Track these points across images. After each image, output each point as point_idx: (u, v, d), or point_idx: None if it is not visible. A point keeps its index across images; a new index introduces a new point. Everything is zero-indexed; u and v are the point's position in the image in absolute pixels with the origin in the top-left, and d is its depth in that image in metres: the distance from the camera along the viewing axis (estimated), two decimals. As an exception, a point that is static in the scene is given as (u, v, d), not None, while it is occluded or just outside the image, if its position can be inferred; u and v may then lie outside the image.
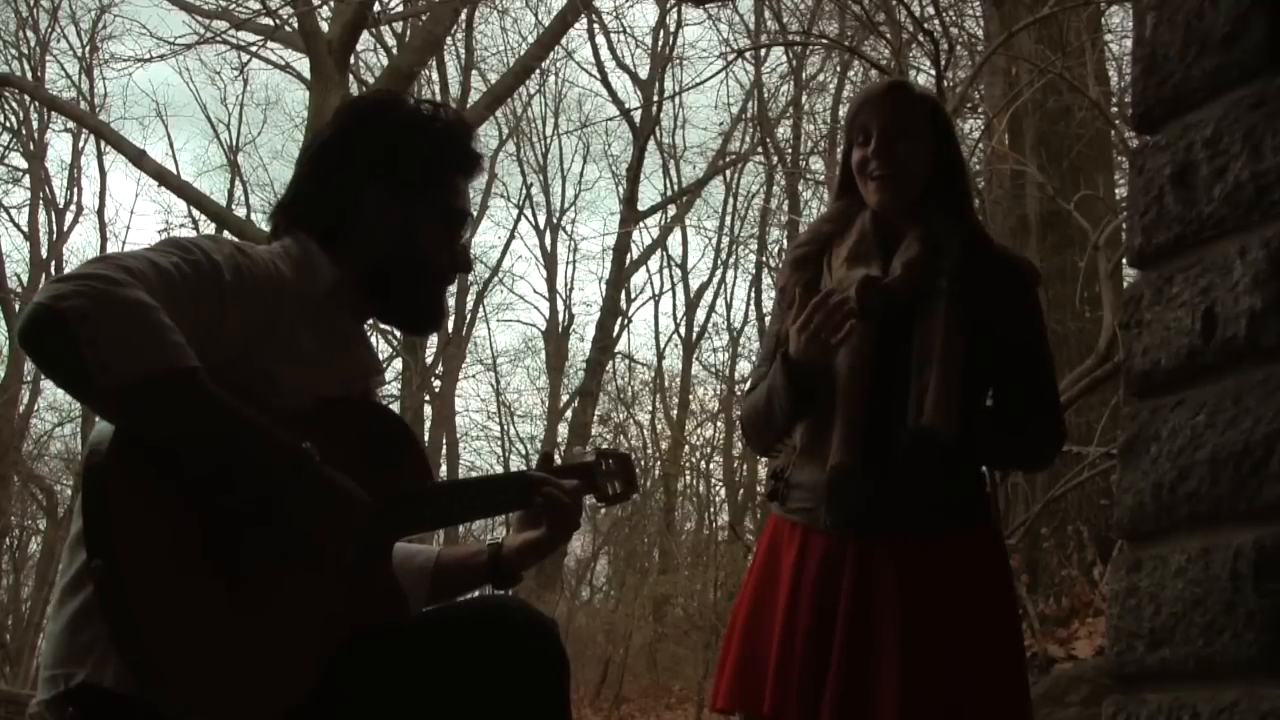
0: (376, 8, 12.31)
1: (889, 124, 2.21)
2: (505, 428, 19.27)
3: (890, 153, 2.20)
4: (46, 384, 16.08)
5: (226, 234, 12.32)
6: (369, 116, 1.93)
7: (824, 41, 10.32)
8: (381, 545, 1.81)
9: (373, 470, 1.73)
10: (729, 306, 18.63)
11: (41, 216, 19.03)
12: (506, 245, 25.90)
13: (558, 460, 2.18)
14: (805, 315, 2.12)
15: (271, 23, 12.52)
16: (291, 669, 1.63)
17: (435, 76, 17.19)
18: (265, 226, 1.95)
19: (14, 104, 17.75)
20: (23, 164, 18.79)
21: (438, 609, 1.89)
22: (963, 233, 2.22)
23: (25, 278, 18.44)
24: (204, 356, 1.55)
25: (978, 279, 2.17)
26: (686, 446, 15.22)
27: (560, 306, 19.37)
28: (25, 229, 18.96)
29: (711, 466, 15.47)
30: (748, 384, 2.40)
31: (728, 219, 18.13)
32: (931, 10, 7.47)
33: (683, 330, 18.35)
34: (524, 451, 18.75)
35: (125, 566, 1.50)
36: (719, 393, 16.03)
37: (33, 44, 17.19)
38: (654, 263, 19.19)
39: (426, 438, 16.93)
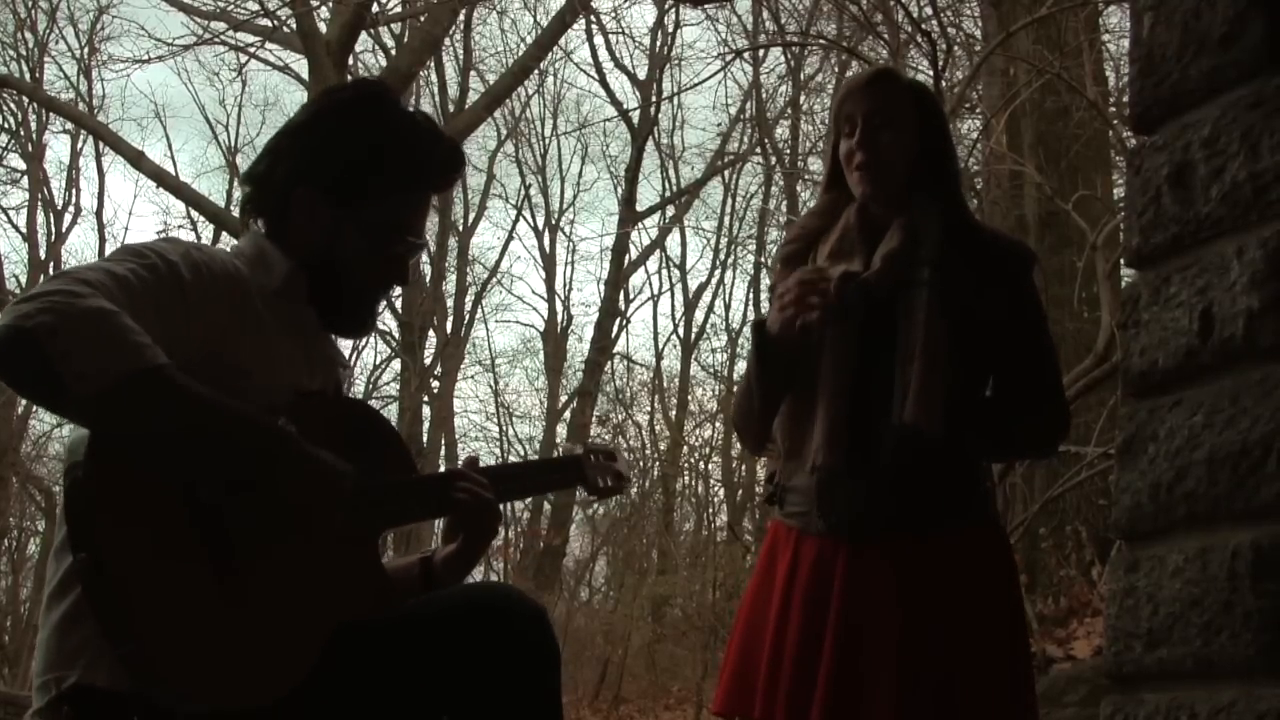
0: (375, 8, 12.30)
1: (873, 113, 2.18)
2: (504, 428, 19.29)
3: (873, 142, 2.17)
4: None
5: (228, 238, 12.33)
6: (333, 111, 1.89)
7: (822, 42, 10.33)
8: (368, 535, 1.81)
9: (353, 464, 1.74)
10: (727, 307, 18.62)
11: (40, 218, 19.07)
12: (505, 246, 25.90)
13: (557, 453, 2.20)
14: (783, 290, 2.11)
15: (270, 24, 12.51)
16: (284, 657, 1.64)
17: (434, 77, 17.23)
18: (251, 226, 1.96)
19: (12, 105, 17.75)
20: (21, 165, 18.80)
21: (428, 596, 1.88)
22: (944, 219, 2.18)
23: (24, 279, 18.44)
24: (172, 356, 1.57)
25: (960, 265, 2.13)
26: (685, 447, 15.22)
27: (559, 307, 19.38)
28: (24, 230, 18.98)
29: (710, 467, 15.47)
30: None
31: (726, 219, 18.17)
32: (929, 11, 7.47)
33: (681, 331, 18.38)
34: (523, 452, 18.77)
35: (111, 560, 1.52)
36: (717, 393, 16.03)
37: (31, 45, 17.18)
38: (652, 263, 19.21)
39: (425, 438, 16.91)
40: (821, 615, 2.09)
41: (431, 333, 17.94)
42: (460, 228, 19.00)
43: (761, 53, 14.57)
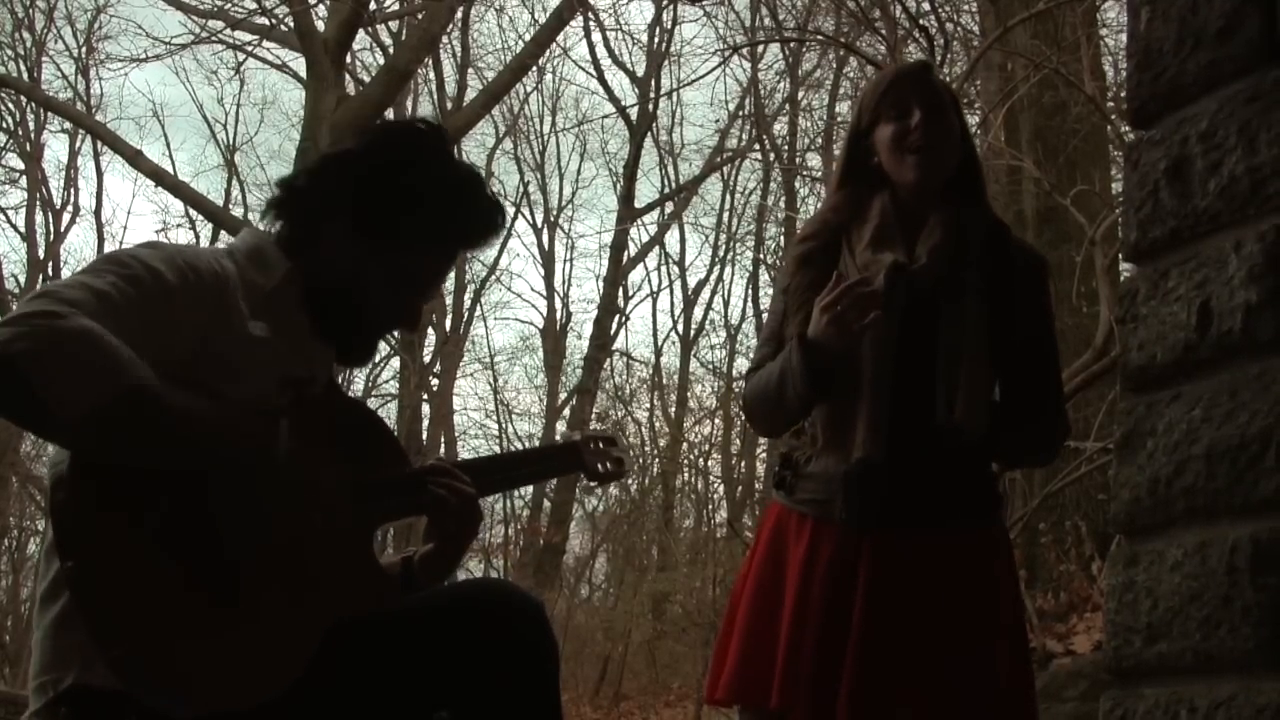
0: (372, 6, 12.29)
1: (934, 99, 2.17)
2: (503, 426, 19.28)
3: (938, 127, 2.16)
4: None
5: (218, 238, 12.32)
6: (386, 145, 1.89)
7: (820, 38, 10.31)
8: (365, 532, 1.82)
9: (347, 460, 1.75)
10: (726, 303, 18.62)
11: (38, 217, 19.01)
12: (504, 243, 25.77)
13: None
14: (833, 298, 2.05)
15: (267, 22, 12.49)
16: (277, 657, 1.64)
17: (432, 75, 17.21)
18: (261, 225, 1.95)
19: (10, 105, 17.71)
20: (19, 165, 18.75)
21: (425, 592, 1.88)
22: (986, 223, 2.20)
23: (23, 279, 18.44)
24: (163, 360, 1.58)
25: (1000, 272, 2.15)
26: (685, 444, 15.24)
27: (558, 304, 19.36)
28: (22, 230, 18.94)
29: (710, 464, 15.49)
30: (751, 364, 2.35)
31: (725, 216, 18.16)
32: (927, 6, 7.48)
33: (680, 328, 18.37)
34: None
35: (99, 567, 1.53)
36: (717, 390, 16.05)
37: (29, 45, 17.14)
38: (651, 260, 19.21)
39: (424, 436, 16.91)
40: (845, 605, 2.07)
41: (430, 330, 17.94)
42: (459, 225, 18.96)
43: (759, 49, 14.56)
